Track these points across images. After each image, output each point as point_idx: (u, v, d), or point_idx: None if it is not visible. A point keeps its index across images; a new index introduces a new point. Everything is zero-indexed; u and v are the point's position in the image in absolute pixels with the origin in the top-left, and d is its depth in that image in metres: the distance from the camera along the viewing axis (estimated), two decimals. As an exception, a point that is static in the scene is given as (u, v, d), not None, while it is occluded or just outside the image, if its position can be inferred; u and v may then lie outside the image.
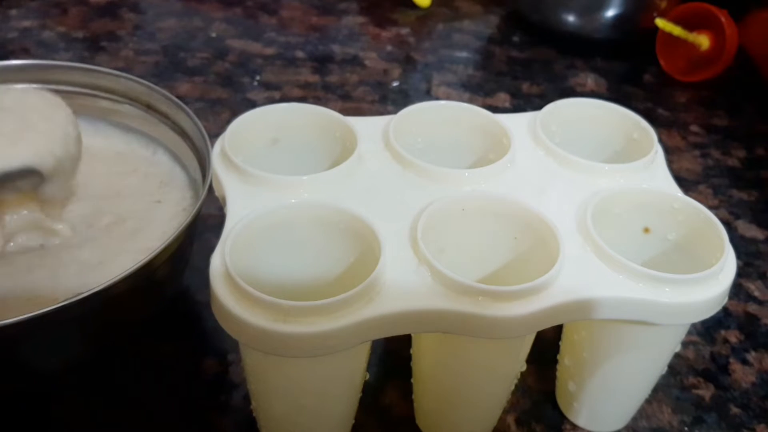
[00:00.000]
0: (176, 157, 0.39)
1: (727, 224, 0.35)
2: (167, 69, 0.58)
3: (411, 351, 0.31)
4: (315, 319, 0.24)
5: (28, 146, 0.31)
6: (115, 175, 0.38)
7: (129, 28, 0.64)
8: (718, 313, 0.28)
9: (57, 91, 0.39)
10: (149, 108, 0.39)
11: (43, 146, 0.31)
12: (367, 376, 0.29)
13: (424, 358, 0.30)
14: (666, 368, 0.31)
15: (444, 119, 0.35)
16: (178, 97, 0.38)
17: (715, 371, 0.37)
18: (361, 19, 0.69)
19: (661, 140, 0.35)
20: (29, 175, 0.32)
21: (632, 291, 0.27)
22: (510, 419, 0.33)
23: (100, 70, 0.39)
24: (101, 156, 0.39)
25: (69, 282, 0.32)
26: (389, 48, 0.65)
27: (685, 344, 0.38)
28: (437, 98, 0.57)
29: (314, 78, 0.59)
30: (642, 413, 0.34)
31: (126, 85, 0.39)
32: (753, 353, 0.38)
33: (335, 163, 0.32)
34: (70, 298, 0.26)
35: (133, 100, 0.39)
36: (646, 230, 0.32)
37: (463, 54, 0.65)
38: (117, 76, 0.39)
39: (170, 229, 0.34)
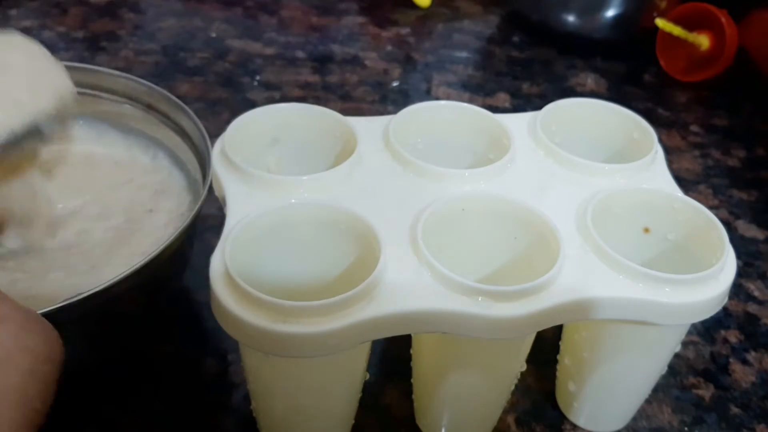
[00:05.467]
0: (176, 159, 0.39)
1: (727, 224, 0.35)
2: (167, 69, 0.58)
3: (411, 351, 0.31)
4: (315, 319, 0.24)
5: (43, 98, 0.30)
6: (108, 187, 0.38)
7: (129, 28, 0.64)
8: (718, 313, 0.28)
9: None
10: (149, 108, 0.39)
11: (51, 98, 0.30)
12: (367, 376, 0.29)
13: (424, 358, 0.30)
14: (666, 368, 0.31)
15: (444, 119, 0.35)
16: (178, 97, 0.38)
17: (715, 371, 0.37)
18: (361, 19, 0.69)
19: (661, 140, 0.35)
20: (33, 135, 0.30)
21: (632, 291, 0.27)
22: (510, 419, 0.33)
23: (100, 70, 0.39)
24: (99, 164, 0.39)
25: (60, 284, 0.32)
26: (389, 48, 0.65)
27: (685, 344, 0.38)
28: (437, 98, 0.57)
29: (314, 78, 0.59)
30: (642, 413, 0.34)
31: (126, 85, 0.39)
32: (753, 353, 0.38)
33: (335, 163, 0.32)
34: (70, 297, 0.26)
35: (133, 101, 0.39)
36: (646, 230, 0.32)
37: (463, 54, 0.65)
38: (117, 76, 0.39)
39: (163, 236, 0.34)
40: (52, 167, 0.34)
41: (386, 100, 0.57)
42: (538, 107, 0.36)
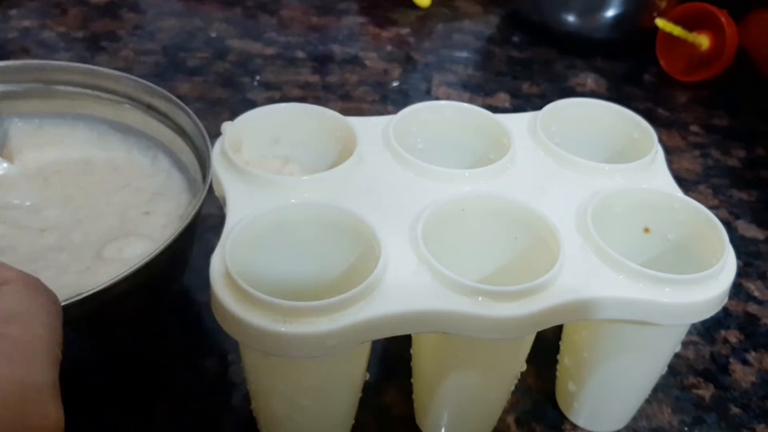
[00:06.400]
0: (176, 159, 0.39)
1: (727, 224, 0.35)
2: (167, 69, 0.58)
3: (411, 351, 0.31)
4: (315, 319, 0.24)
5: None
6: (104, 192, 0.38)
7: (129, 28, 0.64)
8: (718, 313, 0.28)
9: (57, 91, 0.39)
10: (149, 108, 0.39)
11: None
12: (367, 376, 0.29)
13: (424, 358, 0.30)
14: (666, 368, 0.31)
15: (444, 119, 0.35)
16: (178, 97, 0.38)
17: (715, 371, 0.37)
18: (361, 19, 0.69)
19: (661, 140, 0.35)
20: None
21: (632, 291, 0.27)
22: (510, 419, 0.33)
23: (100, 70, 0.39)
24: (96, 169, 0.39)
25: (52, 284, 0.32)
26: (389, 48, 0.65)
27: (685, 344, 0.38)
28: (437, 98, 0.57)
29: (314, 78, 0.59)
30: (642, 413, 0.34)
31: (126, 85, 0.39)
32: (753, 353, 0.38)
33: (335, 163, 0.32)
34: (70, 298, 0.26)
35: (133, 100, 0.39)
36: (646, 230, 0.32)
37: (463, 54, 0.65)
38: (117, 76, 0.39)
39: (160, 238, 0.34)
40: None
41: (386, 100, 0.57)
42: (538, 107, 0.36)
